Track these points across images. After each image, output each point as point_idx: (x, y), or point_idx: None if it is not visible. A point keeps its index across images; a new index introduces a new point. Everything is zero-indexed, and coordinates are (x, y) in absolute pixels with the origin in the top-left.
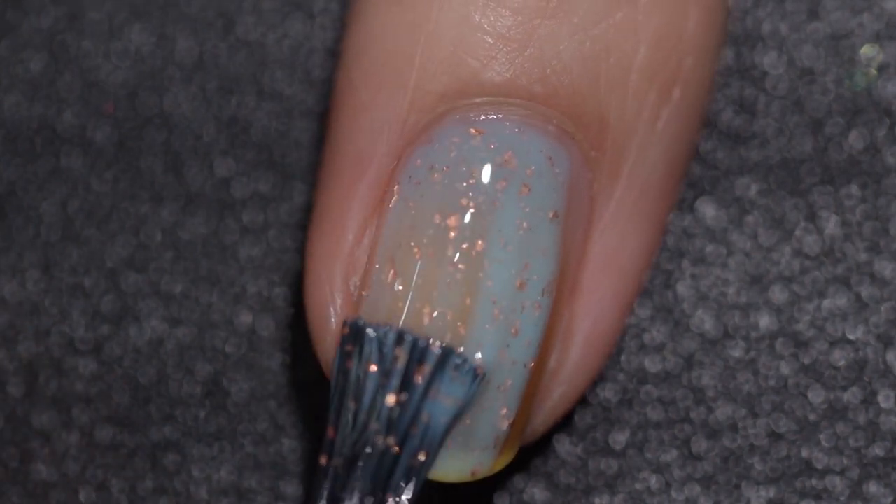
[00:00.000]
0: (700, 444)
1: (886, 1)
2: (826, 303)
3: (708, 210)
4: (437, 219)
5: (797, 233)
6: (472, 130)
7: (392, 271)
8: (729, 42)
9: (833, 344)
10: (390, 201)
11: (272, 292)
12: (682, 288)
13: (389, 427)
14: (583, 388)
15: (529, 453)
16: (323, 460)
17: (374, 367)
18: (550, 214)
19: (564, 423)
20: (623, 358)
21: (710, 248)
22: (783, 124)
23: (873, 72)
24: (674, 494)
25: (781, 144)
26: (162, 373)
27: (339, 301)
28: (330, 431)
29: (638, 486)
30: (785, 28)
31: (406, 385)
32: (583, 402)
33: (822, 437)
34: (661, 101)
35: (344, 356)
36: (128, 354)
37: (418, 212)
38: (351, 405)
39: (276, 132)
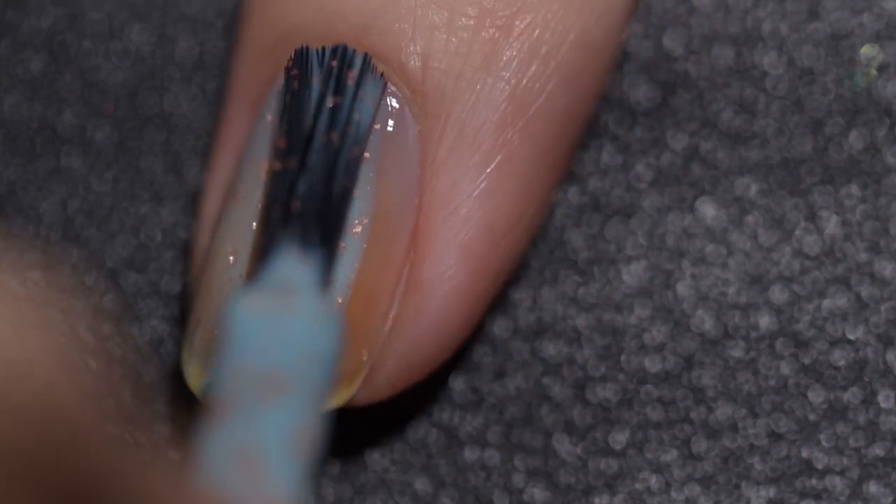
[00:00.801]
0: (700, 444)
1: (886, 1)
2: (826, 303)
3: (708, 210)
4: (263, 164)
5: (797, 233)
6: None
7: (234, 200)
8: (729, 42)
9: (833, 344)
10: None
11: None
12: (682, 288)
13: (332, 124)
14: (438, 339)
15: (529, 453)
16: (277, 165)
17: (316, 78)
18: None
19: (564, 422)
20: (623, 358)
21: (710, 248)
22: (783, 124)
23: (873, 72)
24: (674, 494)
25: (781, 144)
26: (162, 373)
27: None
28: (281, 142)
29: (638, 486)
30: (785, 28)
31: (340, 89)
32: (583, 401)
33: (822, 437)
34: (498, 35)
35: (290, 80)
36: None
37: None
38: (299, 115)
39: None
